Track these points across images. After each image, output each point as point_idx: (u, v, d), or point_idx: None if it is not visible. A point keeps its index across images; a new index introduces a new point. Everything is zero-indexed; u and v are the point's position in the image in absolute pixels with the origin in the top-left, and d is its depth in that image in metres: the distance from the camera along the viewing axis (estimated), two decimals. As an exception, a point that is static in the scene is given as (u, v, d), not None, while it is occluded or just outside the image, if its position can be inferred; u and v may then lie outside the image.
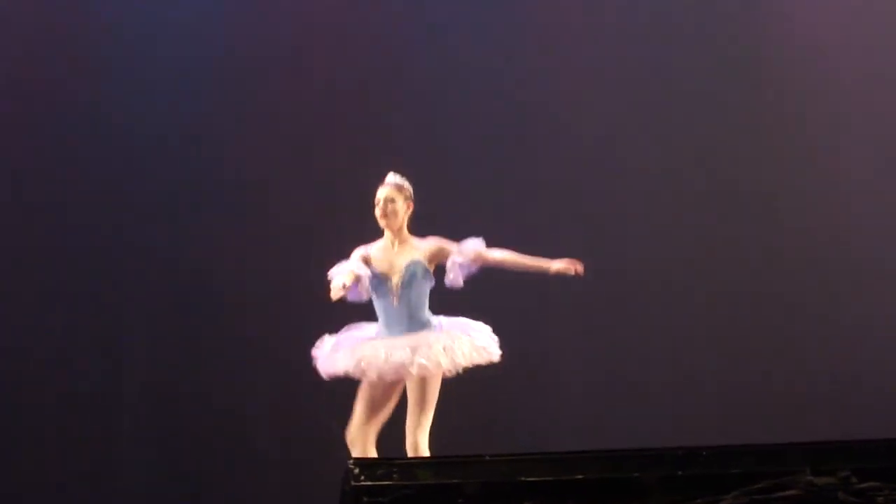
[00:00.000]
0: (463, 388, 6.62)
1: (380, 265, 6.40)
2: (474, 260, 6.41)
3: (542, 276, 6.47)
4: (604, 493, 4.51)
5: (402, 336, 6.30)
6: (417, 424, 6.27)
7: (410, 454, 6.16)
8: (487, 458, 4.71)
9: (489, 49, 8.87)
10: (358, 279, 6.29)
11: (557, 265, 6.39)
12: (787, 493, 4.34)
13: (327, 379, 6.31)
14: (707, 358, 8.75)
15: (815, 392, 8.63)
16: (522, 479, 4.52)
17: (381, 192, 6.49)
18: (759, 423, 8.23)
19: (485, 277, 6.46)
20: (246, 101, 8.77)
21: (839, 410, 8.43)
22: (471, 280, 6.40)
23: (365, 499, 4.43)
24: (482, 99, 8.84)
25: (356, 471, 4.51)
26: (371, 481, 4.48)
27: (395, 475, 4.50)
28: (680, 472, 4.57)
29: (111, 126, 8.70)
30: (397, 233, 6.47)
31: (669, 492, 4.51)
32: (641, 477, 4.58)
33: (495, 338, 6.45)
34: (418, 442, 6.23)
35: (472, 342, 6.34)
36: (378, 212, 6.47)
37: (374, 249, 6.47)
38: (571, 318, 8.71)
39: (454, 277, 6.39)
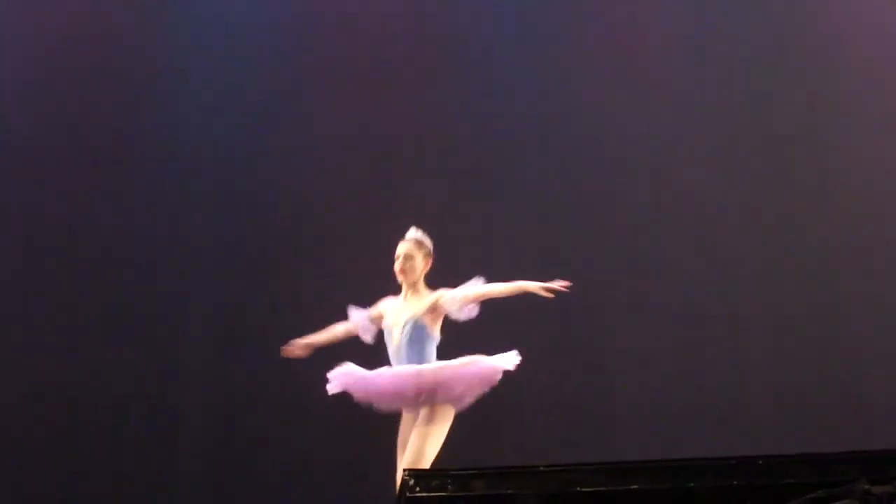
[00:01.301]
0: (519, 397, 6.64)
1: (389, 318, 6.53)
2: (462, 306, 6.46)
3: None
4: (658, 503, 4.51)
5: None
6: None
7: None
8: (542, 468, 4.71)
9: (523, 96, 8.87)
10: (310, 350, 6.47)
11: (534, 286, 6.46)
12: (843, 502, 4.31)
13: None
14: (761, 367, 8.71)
15: (871, 400, 8.57)
16: (577, 489, 4.52)
17: (401, 248, 6.58)
18: (814, 432, 8.19)
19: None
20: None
21: (896, 418, 8.38)
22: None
23: (420, 510, 4.45)
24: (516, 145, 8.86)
25: (411, 482, 4.53)
26: (426, 492, 4.49)
27: (449, 486, 4.52)
28: (735, 482, 4.56)
29: (164, 139, 8.77)
30: (412, 286, 6.56)
31: (724, 501, 4.50)
32: (696, 487, 4.57)
33: (504, 359, 6.41)
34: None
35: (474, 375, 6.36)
36: (396, 266, 6.56)
37: (389, 303, 6.61)
38: (625, 324, 8.70)
39: (458, 317, 6.49)
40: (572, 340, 8.57)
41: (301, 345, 6.58)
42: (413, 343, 6.43)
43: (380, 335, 6.61)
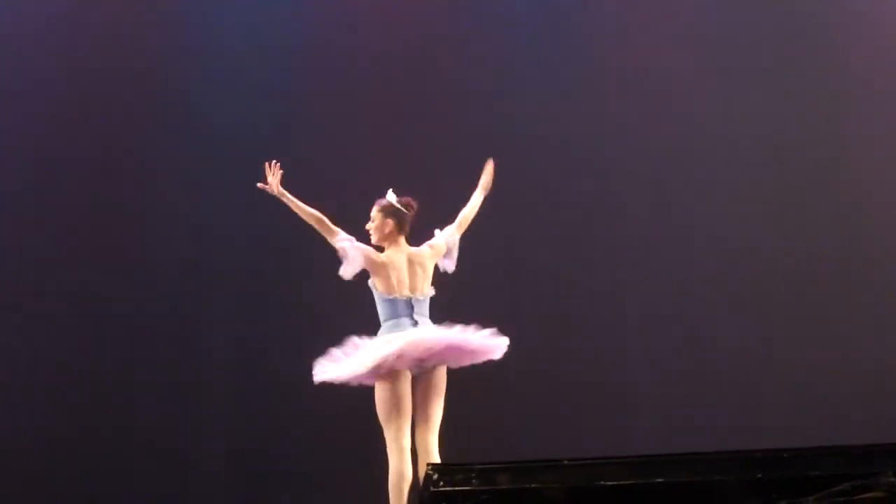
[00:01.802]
0: (535, 390, 6.62)
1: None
2: (453, 236, 6.53)
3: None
4: (684, 496, 4.49)
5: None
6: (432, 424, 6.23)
7: (423, 458, 6.14)
8: (567, 462, 4.70)
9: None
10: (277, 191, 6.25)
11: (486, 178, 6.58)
12: (870, 494, 4.29)
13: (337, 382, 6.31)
14: (786, 358, 8.68)
15: (896, 391, 8.54)
16: (602, 483, 4.50)
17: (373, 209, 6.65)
18: (841, 424, 8.16)
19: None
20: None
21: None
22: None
23: (444, 504, 4.43)
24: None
25: (435, 476, 4.51)
26: (450, 486, 4.48)
27: (474, 480, 4.50)
28: (760, 475, 4.53)
29: (188, 140, 8.79)
30: (382, 241, 6.57)
31: (750, 494, 4.47)
32: (722, 479, 4.54)
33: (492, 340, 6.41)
34: (429, 444, 6.20)
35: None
36: (368, 226, 6.62)
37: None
38: (646, 314, 8.69)
39: (451, 266, 6.55)
40: (591, 332, 8.56)
41: (275, 184, 6.48)
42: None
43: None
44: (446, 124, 8.87)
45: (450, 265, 6.65)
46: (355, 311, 6.71)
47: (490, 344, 6.34)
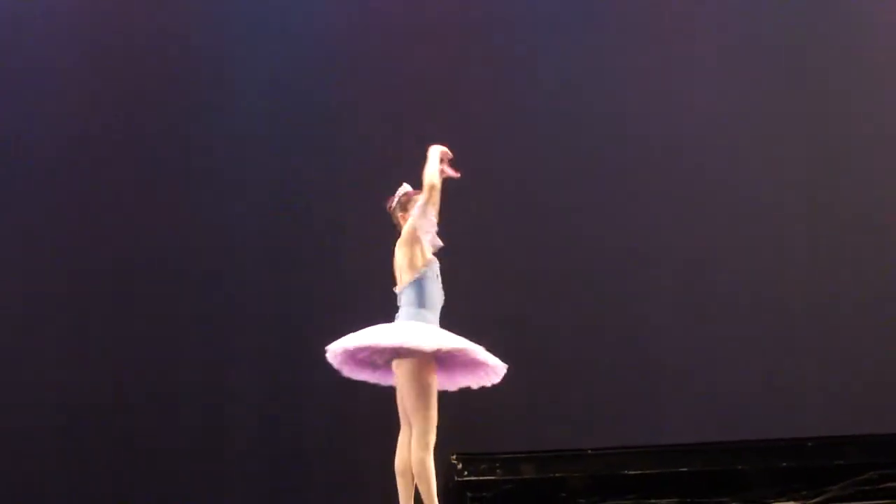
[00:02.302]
0: (567, 378, 6.63)
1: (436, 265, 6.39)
2: (423, 213, 6.44)
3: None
4: (707, 485, 4.50)
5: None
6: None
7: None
8: (590, 451, 4.71)
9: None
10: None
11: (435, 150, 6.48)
12: (894, 483, 4.29)
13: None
14: (809, 348, 8.67)
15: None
16: (626, 472, 4.52)
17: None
18: (864, 415, 8.13)
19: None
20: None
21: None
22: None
23: (468, 494, 4.45)
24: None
25: (459, 466, 4.53)
26: (474, 476, 4.50)
27: (498, 470, 4.52)
28: (784, 464, 4.54)
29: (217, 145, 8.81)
30: None
31: (774, 483, 4.48)
32: (745, 469, 4.55)
33: None
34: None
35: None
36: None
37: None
38: (671, 306, 8.68)
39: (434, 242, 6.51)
40: (618, 323, 8.55)
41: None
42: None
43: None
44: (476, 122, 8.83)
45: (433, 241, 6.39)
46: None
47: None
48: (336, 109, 8.86)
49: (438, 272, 6.28)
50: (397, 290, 6.31)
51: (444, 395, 6.48)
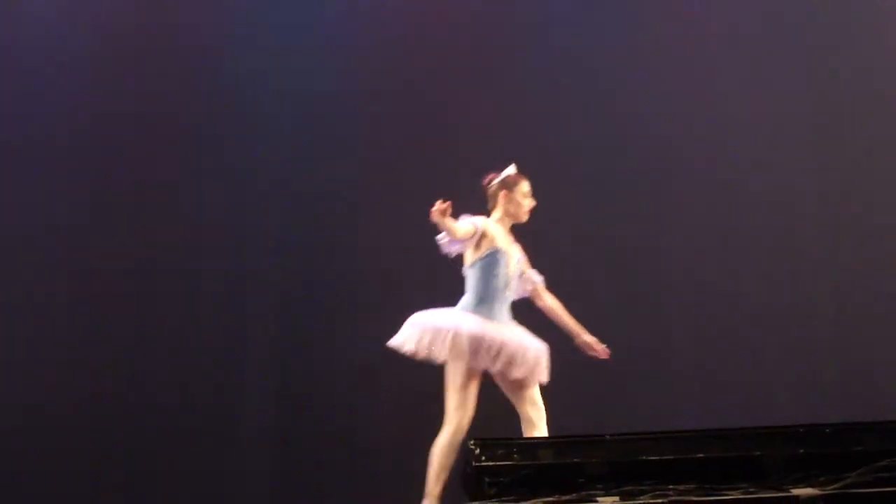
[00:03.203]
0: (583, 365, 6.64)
1: (502, 244, 6.30)
2: (529, 291, 6.40)
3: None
4: (725, 471, 4.49)
5: (514, 328, 6.24)
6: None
7: None
8: (608, 437, 4.71)
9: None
10: (445, 212, 5.93)
11: (586, 338, 6.36)
12: (913, 470, 4.28)
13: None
14: (828, 334, 8.66)
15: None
16: (643, 458, 4.51)
17: (528, 186, 6.45)
18: (883, 400, 8.12)
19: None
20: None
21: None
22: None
23: (486, 479, 4.45)
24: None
25: (477, 451, 4.53)
26: (492, 461, 4.50)
27: (515, 455, 4.52)
28: (802, 450, 4.53)
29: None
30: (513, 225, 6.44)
31: (792, 470, 4.47)
32: (763, 455, 4.54)
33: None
34: None
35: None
36: (531, 204, 6.39)
37: (494, 225, 6.35)
38: (688, 292, 8.68)
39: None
40: (636, 307, 8.55)
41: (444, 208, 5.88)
42: (517, 280, 6.36)
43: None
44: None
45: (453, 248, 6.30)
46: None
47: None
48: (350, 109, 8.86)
49: (507, 262, 6.17)
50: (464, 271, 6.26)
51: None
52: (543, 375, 6.20)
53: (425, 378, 6.32)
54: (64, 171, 8.69)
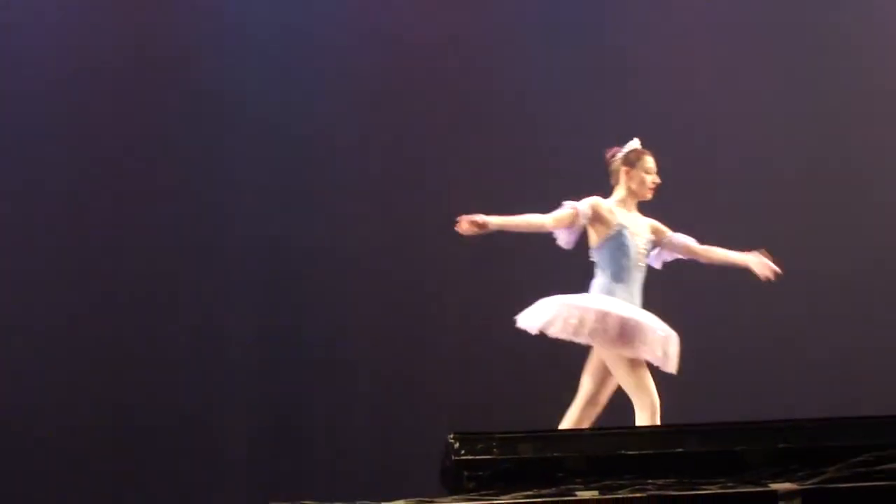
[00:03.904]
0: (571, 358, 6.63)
1: (625, 220, 6.22)
2: (682, 252, 6.33)
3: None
4: (704, 466, 4.49)
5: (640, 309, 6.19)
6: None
7: None
8: (587, 431, 4.71)
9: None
10: (484, 226, 5.88)
11: (752, 262, 6.26)
12: (891, 465, 4.28)
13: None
14: (812, 331, 8.67)
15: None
16: (622, 452, 4.51)
17: (652, 161, 6.40)
18: (863, 396, 8.15)
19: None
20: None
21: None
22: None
23: (465, 472, 4.44)
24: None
25: (456, 445, 4.52)
26: (471, 455, 4.49)
27: (495, 449, 4.51)
28: (781, 445, 4.54)
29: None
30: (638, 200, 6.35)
31: (771, 465, 4.47)
32: (743, 450, 4.55)
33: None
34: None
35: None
36: (654, 179, 6.35)
37: (614, 203, 6.28)
38: (673, 284, 8.69)
39: (655, 260, 6.33)
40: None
41: (476, 220, 5.82)
42: (647, 254, 6.31)
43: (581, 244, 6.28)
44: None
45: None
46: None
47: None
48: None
49: (628, 241, 6.03)
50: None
51: (450, 374, 6.40)
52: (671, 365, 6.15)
53: (416, 376, 6.32)
54: (40, 168, 8.66)
